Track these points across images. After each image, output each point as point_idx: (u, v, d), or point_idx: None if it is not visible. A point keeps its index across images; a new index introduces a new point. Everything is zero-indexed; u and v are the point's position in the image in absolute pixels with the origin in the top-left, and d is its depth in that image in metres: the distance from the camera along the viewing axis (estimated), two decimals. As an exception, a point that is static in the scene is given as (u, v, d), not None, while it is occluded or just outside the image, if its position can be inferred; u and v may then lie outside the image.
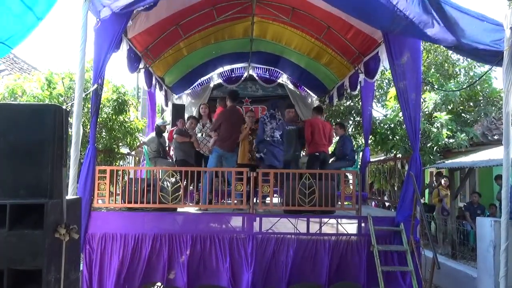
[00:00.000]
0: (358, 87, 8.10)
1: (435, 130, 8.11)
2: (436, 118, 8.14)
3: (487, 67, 7.38)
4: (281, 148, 6.32)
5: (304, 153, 9.48)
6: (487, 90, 8.77)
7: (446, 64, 9.40)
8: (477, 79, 8.49)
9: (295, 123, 7.31)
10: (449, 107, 8.63)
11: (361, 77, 7.69)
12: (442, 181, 10.12)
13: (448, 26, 4.27)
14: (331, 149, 8.04)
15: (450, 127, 8.07)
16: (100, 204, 5.45)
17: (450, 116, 8.26)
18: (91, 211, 5.22)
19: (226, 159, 6.31)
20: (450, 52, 9.12)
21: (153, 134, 7.07)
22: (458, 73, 9.59)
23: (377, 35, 6.60)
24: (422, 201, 7.49)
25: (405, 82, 5.19)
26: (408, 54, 5.20)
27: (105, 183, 5.31)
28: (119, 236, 5.18)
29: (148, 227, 5.27)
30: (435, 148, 8.29)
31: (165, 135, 7.63)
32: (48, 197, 2.03)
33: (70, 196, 4.36)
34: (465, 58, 9.01)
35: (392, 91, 8.64)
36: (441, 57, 9.53)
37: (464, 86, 8.54)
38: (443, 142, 8.04)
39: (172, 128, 7.94)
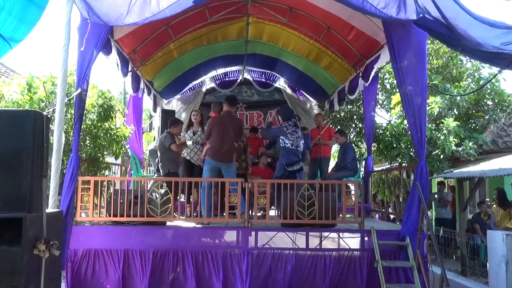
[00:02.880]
0: (357, 91, 8.14)
1: (442, 137, 8.15)
2: (443, 125, 8.18)
3: (494, 68, 7.45)
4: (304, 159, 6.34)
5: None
6: (494, 93, 8.82)
7: (450, 67, 9.47)
8: (486, 82, 8.53)
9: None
10: (456, 112, 8.68)
11: (361, 81, 7.74)
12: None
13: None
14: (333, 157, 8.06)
15: (458, 133, 8.09)
16: (83, 217, 5.41)
17: (458, 122, 8.29)
18: (74, 225, 5.17)
19: (224, 171, 6.21)
20: (453, 53, 9.18)
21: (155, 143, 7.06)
22: (463, 75, 9.66)
23: (379, 37, 6.66)
24: (429, 214, 7.50)
25: (409, 86, 5.22)
26: (412, 56, 5.24)
27: (89, 194, 5.27)
28: (103, 252, 5.13)
29: (135, 242, 5.23)
30: (441, 156, 8.32)
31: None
32: (27, 211, 2.02)
33: (50, 209, 4.33)
34: (469, 59, 9.07)
35: (396, 97, 8.68)
36: (443, 59, 9.59)
37: (471, 90, 8.58)
38: (450, 150, 8.07)
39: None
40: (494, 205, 9.54)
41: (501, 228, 8.72)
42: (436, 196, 10.79)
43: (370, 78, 7.34)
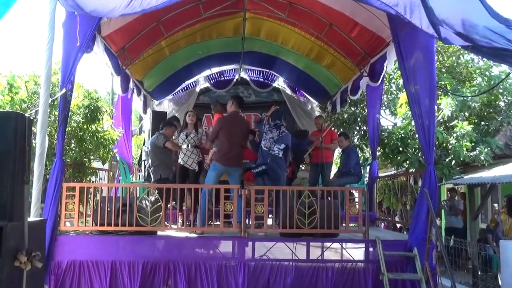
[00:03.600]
0: (360, 91, 8.15)
1: (454, 141, 8.15)
2: (456, 128, 8.18)
3: (505, 66, 7.47)
4: (279, 165, 6.24)
5: (303, 167, 9.51)
6: (508, 92, 8.85)
7: (460, 67, 9.51)
8: (499, 81, 8.56)
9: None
10: (467, 114, 8.71)
11: (364, 80, 7.76)
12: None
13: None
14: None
15: (470, 137, 8.10)
16: (68, 227, 5.39)
17: (472, 126, 8.30)
18: (58, 235, 5.16)
19: (231, 175, 6.20)
20: (463, 51, 9.22)
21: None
22: (474, 75, 9.69)
23: (385, 34, 6.69)
24: (437, 222, 7.51)
25: (417, 87, 5.24)
26: (420, 54, 5.26)
27: (74, 202, 5.26)
28: (89, 264, 5.11)
29: (124, 253, 5.21)
30: (453, 162, 8.33)
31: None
32: (7, 219, 2.01)
33: (33, 217, 4.31)
34: (480, 58, 9.10)
35: (403, 97, 8.71)
36: (453, 58, 9.63)
37: (482, 90, 8.61)
38: (463, 155, 8.06)
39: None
40: (503, 213, 9.56)
41: (510, 238, 8.76)
42: (446, 203, 10.81)
43: (381, 79, 7.37)
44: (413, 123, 7.51)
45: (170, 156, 6.86)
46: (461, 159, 8.09)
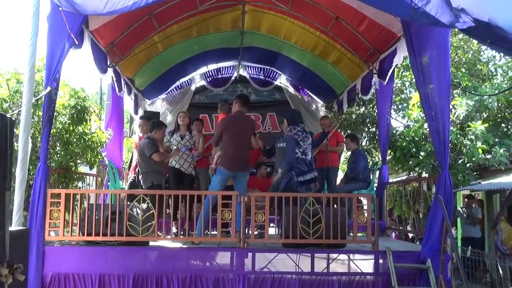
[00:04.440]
0: (371, 90, 8.16)
1: (468, 143, 8.16)
2: (469, 129, 8.20)
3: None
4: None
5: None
6: None
7: (479, 64, 9.51)
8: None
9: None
10: (485, 115, 8.70)
11: (375, 78, 7.77)
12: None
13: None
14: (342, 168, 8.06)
15: (486, 139, 8.11)
16: (53, 236, 5.39)
17: (487, 125, 8.31)
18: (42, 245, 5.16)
19: (237, 180, 6.19)
20: (483, 47, 9.24)
21: None
22: (494, 73, 9.69)
23: (395, 28, 6.70)
24: (453, 232, 7.50)
25: (430, 86, 5.25)
26: (434, 50, 5.27)
27: (59, 210, 5.26)
28: (76, 277, 5.10)
29: (113, 265, 5.20)
30: (468, 165, 8.33)
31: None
32: (-13, 228, 2.01)
33: (15, 226, 4.31)
34: (503, 55, 9.12)
35: (416, 97, 8.70)
36: (471, 55, 9.64)
37: (502, 89, 8.62)
38: (478, 157, 8.07)
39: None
40: (503, 221, 9.55)
41: (509, 247, 8.77)
42: (463, 211, 10.79)
43: (388, 76, 7.37)
44: (426, 125, 7.51)
45: (161, 163, 6.84)
46: (475, 160, 8.07)
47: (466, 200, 11.18)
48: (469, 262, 9.43)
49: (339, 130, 9.57)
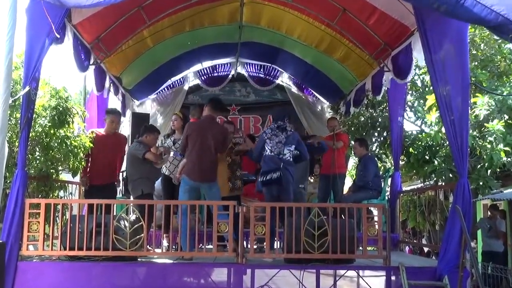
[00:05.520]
0: (383, 90, 8.16)
1: (488, 146, 8.15)
2: (487, 130, 8.18)
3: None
4: (291, 172, 6.29)
5: (311, 180, 9.51)
6: None
7: (498, 59, 9.50)
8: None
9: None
10: (506, 116, 8.70)
11: (387, 76, 7.76)
12: None
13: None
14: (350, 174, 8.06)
15: (509, 142, 8.09)
16: (31, 251, 5.38)
17: (503, 124, 8.27)
18: (19, 260, 5.13)
19: (205, 191, 6.20)
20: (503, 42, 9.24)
21: None
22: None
23: (409, 21, 6.70)
24: (473, 245, 7.50)
25: (447, 84, 5.25)
26: (451, 45, 5.28)
27: (39, 221, 5.24)
28: (56, 296, 5.10)
29: (98, 283, 5.20)
30: (489, 170, 8.31)
31: None
32: (-41, 243, 2.01)
33: (-11, 240, 4.30)
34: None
35: (432, 98, 8.69)
36: (489, 50, 9.64)
37: None
38: (500, 161, 8.05)
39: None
40: None
41: None
42: (485, 223, 10.77)
43: (410, 75, 7.35)
44: (443, 129, 7.50)
45: (151, 168, 6.84)
46: (495, 164, 8.05)
47: (490, 211, 11.16)
48: (490, 279, 9.42)
49: (346, 133, 9.57)
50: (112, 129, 7.27)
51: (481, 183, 8.29)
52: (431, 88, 8.15)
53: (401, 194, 8.10)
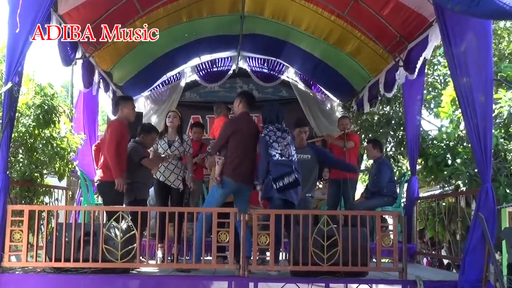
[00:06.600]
0: (395, 87, 8.14)
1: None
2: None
3: None
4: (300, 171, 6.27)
5: (320, 185, 9.50)
6: None
7: None
8: None
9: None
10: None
11: (402, 72, 7.74)
12: None
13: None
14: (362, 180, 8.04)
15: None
16: (14, 262, 5.39)
17: None
18: (0, 272, 5.15)
19: (240, 195, 6.18)
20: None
21: None
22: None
23: (427, 11, 6.69)
24: (498, 257, 7.48)
25: (468, 79, 5.24)
26: (473, 37, 5.27)
27: (22, 230, 5.25)
28: (41, 312, 5.12)
29: (86, 297, 5.21)
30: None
31: None
32: None
33: (-32, 250, 4.31)
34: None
35: (447, 93, 8.68)
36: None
37: None
38: None
39: None
40: None
41: None
42: (509, 232, 10.73)
43: (417, 70, 7.35)
44: (462, 126, 7.48)
45: (148, 173, 6.82)
46: None
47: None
48: (516, 294, 9.39)
49: (358, 133, 9.56)
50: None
51: (501, 189, 8.26)
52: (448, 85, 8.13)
53: (419, 201, 8.09)
